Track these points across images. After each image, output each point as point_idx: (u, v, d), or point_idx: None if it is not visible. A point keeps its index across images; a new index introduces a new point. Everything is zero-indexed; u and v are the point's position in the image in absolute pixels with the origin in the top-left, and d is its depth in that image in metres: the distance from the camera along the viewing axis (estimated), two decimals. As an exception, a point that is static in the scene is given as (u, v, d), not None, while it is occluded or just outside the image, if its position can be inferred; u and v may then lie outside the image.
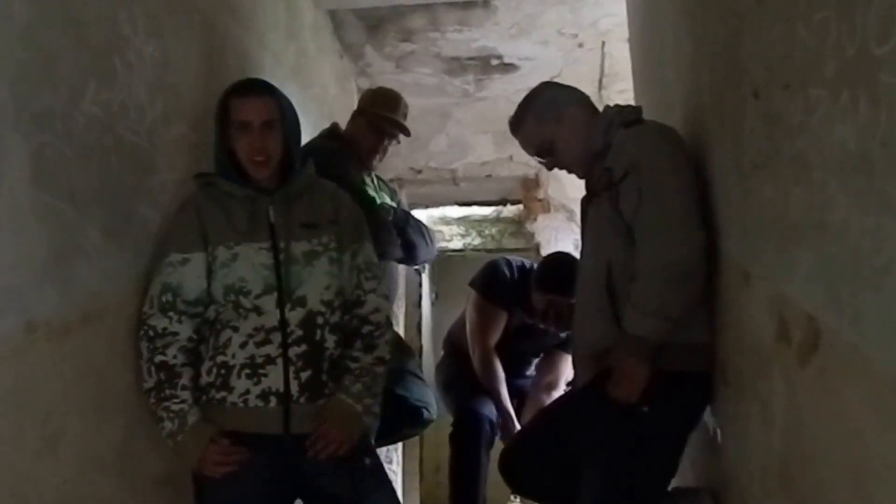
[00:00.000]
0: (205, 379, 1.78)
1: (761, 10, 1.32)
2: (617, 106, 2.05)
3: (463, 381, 3.03)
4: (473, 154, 4.74)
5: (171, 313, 1.75)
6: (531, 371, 3.21)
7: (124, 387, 1.68)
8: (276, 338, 1.77)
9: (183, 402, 1.72)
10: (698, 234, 1.73)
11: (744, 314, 1.56)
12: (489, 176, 4.75)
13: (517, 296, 2.90)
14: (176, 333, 1.75)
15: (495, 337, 2.95)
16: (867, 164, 0.90)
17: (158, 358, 1.72)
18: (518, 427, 2.89)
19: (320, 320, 1.81)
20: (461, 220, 6.45)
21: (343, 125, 2.68)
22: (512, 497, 3.04)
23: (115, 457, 1.62)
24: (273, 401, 1.75)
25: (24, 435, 1.34)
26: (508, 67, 4.11)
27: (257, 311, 1.78)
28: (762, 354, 1.42)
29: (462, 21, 3.76)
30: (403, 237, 2.53)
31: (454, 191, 4.94)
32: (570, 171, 2.11)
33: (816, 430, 1.15)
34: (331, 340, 1.83)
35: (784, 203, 1.24)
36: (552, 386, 3.04)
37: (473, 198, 5.16)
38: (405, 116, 2.65)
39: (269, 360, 1.76)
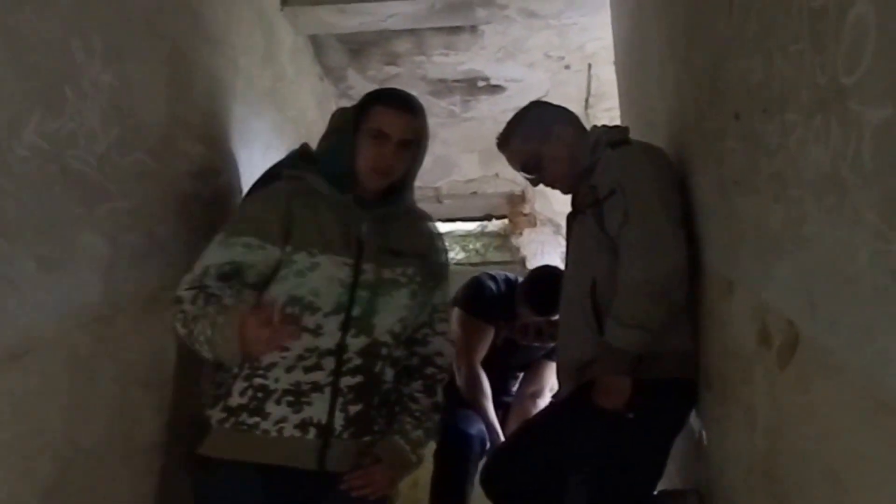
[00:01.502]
0: (236, 400, 1.61)
1: (741, 41, 1.39)
2: (604, 126, 2.11)
3: (447, 396, 2.98)
4: (458, 172, 4.77)
5: (232, 282, 1.59)
6: (517, 386, 3.14)
7: (56, 427, 1.51)
8: (329, 364, 1.61)
9: (230, 297, 1.54)
10: (681, 252, 1.78)
11: (727, 322, 1.60)
12: (474, 193, 4.80)
13: (504, 309, 2.86)
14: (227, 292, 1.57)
15: (481, 353, 2.88)
16: (839, 182, 0.97)
17: (208, 289, 1.56)
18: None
19: (384, 352, 1.67)
20: (445, 235, 6.43)
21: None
22: None
23: (44, 499, 1.46)
24: (312, 432, 1.59)
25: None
26: (495, 89, 4.15)
27: (316, 331, 1.61)
28: (744, 359, 1.46)
29: (448, 45, 3.79)
30: None
31: (437, 208, 4.97)
32: (554, 188, 2.14)
33: (796, 431, 1.19)
34: (389, 374, 1.69)
35: (763, 217, 1.30)
36: (537, 395, 2.99)
37: (458, 214, 5.18)
38: None
39: (316, 387, 1.60)
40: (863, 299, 0.92)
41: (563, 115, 2.13)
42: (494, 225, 5.84)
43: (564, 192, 2.13)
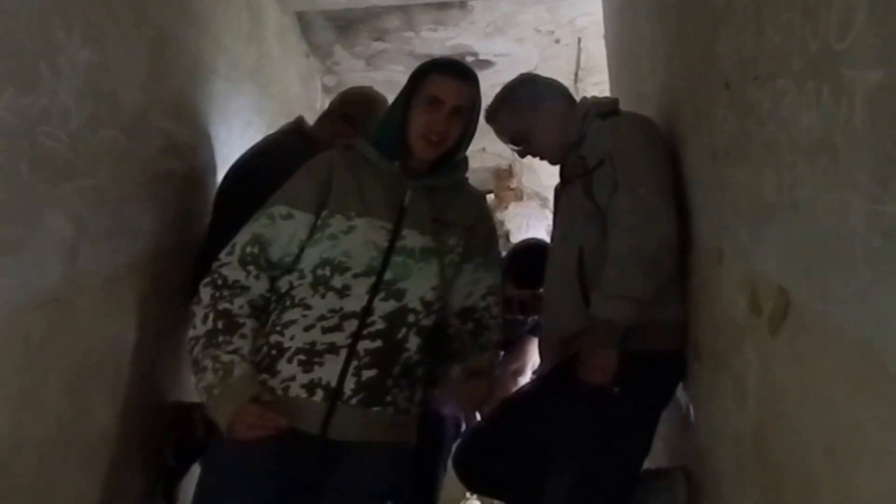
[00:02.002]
0: (251, 359, 1.57)
1: (733, 11, 1.39)
2: (594, 98, 2.10)
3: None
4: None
5: (250, 267, 1.61)
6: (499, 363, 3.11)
7: (4, 416, 1.46)
8: (351, 326, 1.58)
9: (234, 351, 1.52)
10: (671, 222, 1.76)
11: (717, 291, 1.58)
12: (460, 168, 4.78)
13: None
14: (248, 288, 1.60)
15: None
16: (831, 146, 0.98)
17: (222, 305, 1.56)
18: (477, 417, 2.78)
19: (411, 318, 1.64)
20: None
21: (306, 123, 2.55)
22: (467, 495, 2.85)
23: None
24: (319, 394, 1.55)
25: None
26: (484, 64, 4.13)
27: (342, 291, 1.60)
28: (735, 328, 1.45)
29: (437, 21, 3.76)
30: None
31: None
32: (543, 159, 2.13)
33: (788, 399, 1.18)
34: (413, 342, 1.64)
35: (755, 185, 1.30)
36: (519, 372, 2.96)
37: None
38: None
39: (332, 349, 1.57)
40: (856, 262, 0.92)
41: (553, 89, 2.12)
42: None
43: (552, 162, 2.12)
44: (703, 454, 1.75)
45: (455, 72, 1.73)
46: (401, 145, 1.73)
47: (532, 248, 2.78)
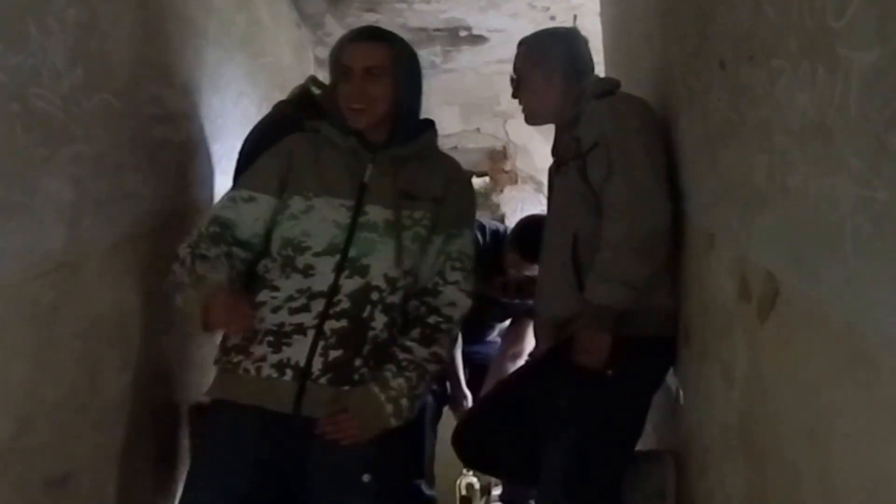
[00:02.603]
0: (231, 340, 1.64)
1: None
2: (595, 76, 2.07)
3: None
4: (438, 126, 4.71)
5: (220, 243, 1.62)
6: (493, 336, 3.18)
7: (14, 378, 1.46)
8: (318, 306, 1.60)
9: (211, 268, 1.56)
10: (665, 207, 1.76)
11: (708, 277, 1.58)
12: (455, 148, 4.72)
13: (488, 259, 2.80)
14: (219, 257, 1.60)
15: None
16: (824, 129, 0.96)
17: (201, 250, 1.60)
18: (467, 396, 2.86)
19: (375, 296, 1.62)
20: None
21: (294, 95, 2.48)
22: (464, 471, 2.89)
23: (2, 456, 1.42)
24: (288, 374, 1.58)
25: None
26: (477, 39, 4.09)
27: (306, 271, 1.61)
28: (724, 315, 1.45)
29: (432, -8, 3.74)
30: None
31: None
32: (523, 112, 2.12)
33: (774, 386, 1.19)
34: (379, 321, 1.63)
35: (747, 168, 1.28)
36: (517, 356, 2.98)
37: (437, 170, 5.13)
38: None
39: (300, 329, 1.59)
40: (845, 249, 0.91)
41: (563, 61, 2.05)
42: (476, 183, 5.81)
43: (527, 122, 2.13)
44: (692, 438, 1.77)
45: (357, 36, 1.73)
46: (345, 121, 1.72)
47: (537, 222, 2.75)
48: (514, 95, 2.10)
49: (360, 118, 1.69)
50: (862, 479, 0.89)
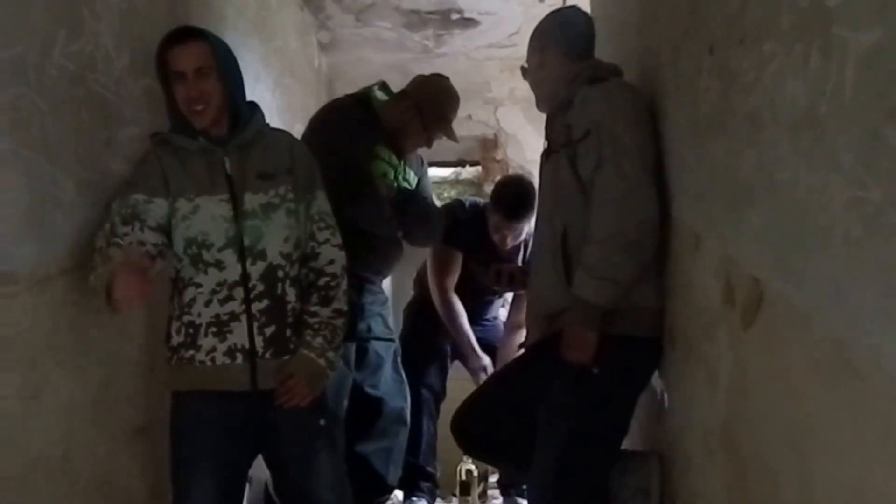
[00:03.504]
0: (175, 339, 1.78)
1: None
2: (597, 60, 2.01)
3: (417, 342, 3.06)
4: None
5: (134, 222, 1.70)
6: (495, 314, 3.26)
7: (102, 338, 1.68)
8: (239, 293, 1.76)
9: (118, 248, 1.64)
10: (654, 203, 1.73)
11: (693, 278, 1.57)
12: (447, 135, 4.68)
13: (472, 233, 2.96)
14: (134, 239, 1.69)
15: (452, 278, 2.99)
16: (816, 119, 0.90)
17: (114, 218, 1.68)
18: (483, 360, 3.02)
19: (280, 274, 1.80)
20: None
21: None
22: (465, 458, 3.01)
23: (93, 406, 1.64)
24: (239, 357, 1.76)
25: (11, 381, 1.38)
26: (469, 22, 4.03)
27: (218, 265, 1.76)
28: (709, 317, 1.43)
29: (424, -25, 3.67)
30: (402, 218, 2.55)
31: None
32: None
33: (758, 391, 1.17)
34: (292, 294, 1.83)
35: (736, 163, 1.23)
36: (521, 325, 3.01)
37: (430, 158, 5.07)
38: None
39: (234, 316, 1.76)
40: (833, 252, 0.87)
41: (557, 41, 2.01)
42: (468, 172, 5.75)
43: (540, 109, 2.11)
44: (676, 440, 1.78)
45: (177, 40, 1.77)
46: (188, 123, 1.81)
47: (517, 182, 2.91)
48: (526, 79, 2.12)
49: (204, 117, 1.79)
50: (842, 489, 0.88)
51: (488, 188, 5.00)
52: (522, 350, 2.18)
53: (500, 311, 3.32)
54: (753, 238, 1.16)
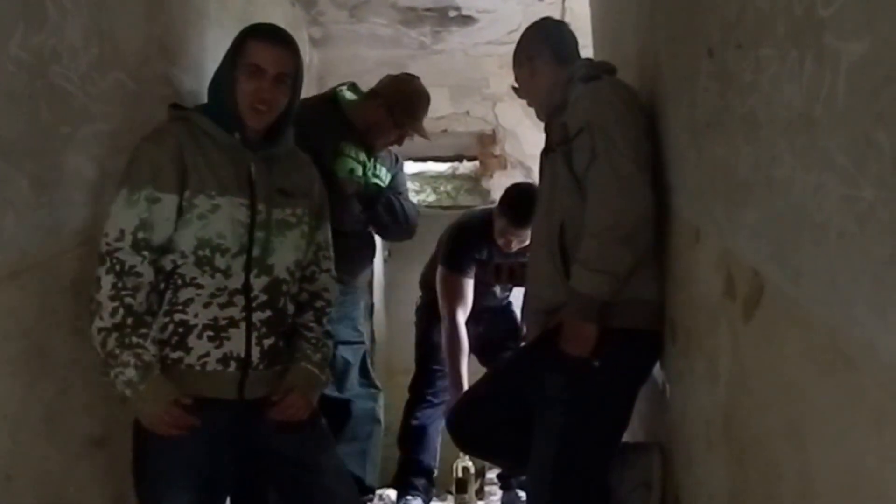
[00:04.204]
0: (157, 335, 1.67)
1: None
2: (588, 59, 2.05)
3: (430, 344, 3.10)
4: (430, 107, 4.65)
5: (144, 252, 1.63)
6: (506, 293, 3.24)
7: (56, 345, 1.56)
8: (240, 301, 1.70)
9: (153, 355, 1.62)
10: (647, 196, 1.75)
11: (693, 271, 1.58)
12: (445, 131, 4.67)
13: (482, 243, 2.98)
14: (141, 275, 1.63)
15: (465, 304, 2.98)
16: (811, 122, 0.93)
17: (127, 300, 1.60)
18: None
19: (284, 288, 1.77)
20: (416, 176, 6.38)
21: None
22: (461, 456, 2.99)
23: (46, 418, 1.52)
24: (233, 365, 1.69)
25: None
26: (466, 20, 4.02)
27: (227, 271, 1.69)
28: (709, 310, 1.44)
29: (421, -29, 3.67)
30: (370, 213, 2.61)
31: (407, 145, 4.85)
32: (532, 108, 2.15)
33: (758, 384, 1.19)
34: (290, 308, 1.81)
35: (734, 161, 1.26)
36: None
37: (428, 153, 5.07)
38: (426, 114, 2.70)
39: (233, 322, 1.69)
40: (828, 247, 0.90)
41: (545, 46, 2.05)
42: (466, 167, 5.76)
43: (541, 119, 2.12)
44: (677, 432, 1.78)
45: (272, 38, 1.76)
46: (235, 116, 1.74)
47: (524, 189, 2.89)
48: (521, 97, 2.15)
49: (262, 119, 1.75)
50: (841, 478, 0.90)
51: (485, 183, 5.04)
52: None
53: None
54: (752, 233, 1.19)
